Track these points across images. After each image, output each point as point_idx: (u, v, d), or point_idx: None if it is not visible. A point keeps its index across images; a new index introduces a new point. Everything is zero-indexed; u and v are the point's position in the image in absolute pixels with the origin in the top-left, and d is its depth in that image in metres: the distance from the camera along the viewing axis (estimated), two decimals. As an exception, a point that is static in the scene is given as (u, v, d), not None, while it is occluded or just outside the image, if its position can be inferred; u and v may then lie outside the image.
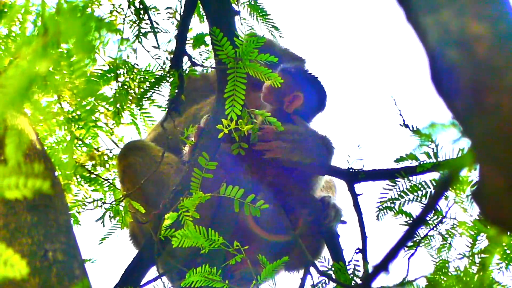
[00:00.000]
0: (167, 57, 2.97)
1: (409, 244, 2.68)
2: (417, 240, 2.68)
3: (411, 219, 2.68)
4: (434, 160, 2.64)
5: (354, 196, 2.88)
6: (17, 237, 1.79)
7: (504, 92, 1.04)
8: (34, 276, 1.73)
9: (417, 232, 2.67)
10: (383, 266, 1.40)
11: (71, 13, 1.39)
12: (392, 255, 1.41)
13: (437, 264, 2.64)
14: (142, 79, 2.93)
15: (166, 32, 3.04)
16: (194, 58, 2.93)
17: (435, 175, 2.68)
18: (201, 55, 3.27)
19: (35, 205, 1.83)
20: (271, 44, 3.37)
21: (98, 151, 3.21)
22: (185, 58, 2.95)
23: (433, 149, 2.63)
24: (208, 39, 3.11)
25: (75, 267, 1.79)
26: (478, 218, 2.58)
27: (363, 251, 2.86)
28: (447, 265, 2.61)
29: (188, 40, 3.00)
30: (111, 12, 2.99)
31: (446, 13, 1.10)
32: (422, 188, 2.69)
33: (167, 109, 2.97)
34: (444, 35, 1.09)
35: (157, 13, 3.03)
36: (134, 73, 2.93)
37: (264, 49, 2.61)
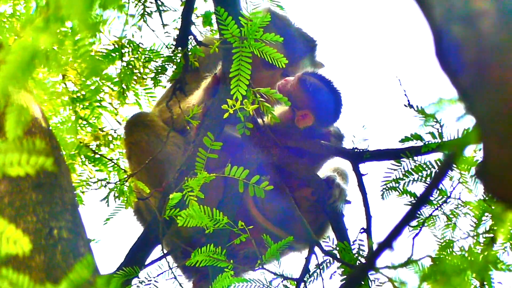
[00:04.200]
0: (173, 37, 2.97)
1: (414, 224, 2.68)
2: (422, 220, 2.68)
3: (416, 198, 2.68)
4: (439, 140, 2.64)
5: (359, 176, 2.88)
6: (22, 214, 1.79)
7: (508, 68, 1.03)
8: (39, 254, 1.74)
9: (421, 212, 2.68)
10: (387, 243, 1.40)
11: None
12: (396, 232, 1.42)
13: (442, 243, 2.64)
14: (147, 58, 2.93)
15: (175, 10, 3.03)
16: (201, 34, 2.92)
17: (440, 155, 2.69)
18: (207, 34, 3.26)
19: (40, 183, 1.83)
20: (287, 23, 3.34)
21: (103, 131, 3.21)
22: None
23: (437, 129, 2.63)
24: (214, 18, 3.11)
25: (80, 245, 1.79)
26: (482, 198, 2.59)
27: (367, 230, 2.86)
28: (451, 244, 2.62)
29: (194, 19, 2.99)
30: (116, -9, 2.98)
31: (451, -12, 1.09)
32: (426, 168, 2.69)
33: (172, 90, 2.97)
34: (448, 11, 1.09)
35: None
36: (139, 53, 2.93)
37: (280, 27, 2.59)
